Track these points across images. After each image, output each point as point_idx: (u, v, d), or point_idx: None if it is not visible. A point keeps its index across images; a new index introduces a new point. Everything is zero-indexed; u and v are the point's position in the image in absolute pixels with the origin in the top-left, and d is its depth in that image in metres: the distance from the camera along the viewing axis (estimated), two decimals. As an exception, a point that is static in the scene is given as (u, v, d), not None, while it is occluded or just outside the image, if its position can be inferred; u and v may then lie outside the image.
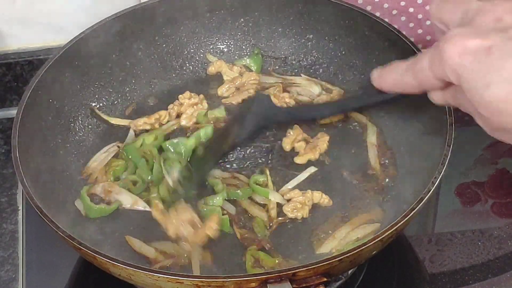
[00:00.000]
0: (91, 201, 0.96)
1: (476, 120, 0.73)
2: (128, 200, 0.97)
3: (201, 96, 1.09)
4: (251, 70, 1.14)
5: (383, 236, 0.80)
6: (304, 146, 1.02)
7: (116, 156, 1.03)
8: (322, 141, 1.03)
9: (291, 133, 1.03)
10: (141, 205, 0.97)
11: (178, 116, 1.07)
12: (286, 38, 1.14)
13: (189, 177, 0.98)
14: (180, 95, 1.08)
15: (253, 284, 0.77)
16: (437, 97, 0.78)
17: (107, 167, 1.01)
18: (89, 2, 1.16)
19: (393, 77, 0.80)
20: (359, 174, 1.00)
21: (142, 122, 1.06)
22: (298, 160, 1.01)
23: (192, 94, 1.08)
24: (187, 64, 1.14)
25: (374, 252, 0.84)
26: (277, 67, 1.14)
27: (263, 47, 1.15)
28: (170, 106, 1.08)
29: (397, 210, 0.91)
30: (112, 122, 1.08)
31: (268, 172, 0.99)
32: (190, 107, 1.07)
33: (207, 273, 0.89)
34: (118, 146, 1.03)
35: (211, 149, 1.00)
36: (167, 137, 1.04)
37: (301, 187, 0.98)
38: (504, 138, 0.72)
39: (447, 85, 0.74)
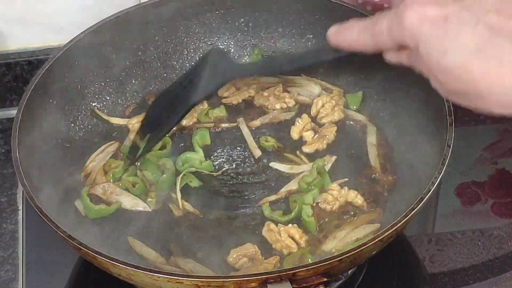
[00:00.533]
0: (90, 201, 0.96)
1: (431, 83, 0.75)
2: (128, 201, 0.97)
3: None
4: (251, 70, 1.14)
5: (383, 236, 0.80)
6: (312, 135, 1.04)
7: (114, 156, 1.03)
8: (330, 131, 1.03)
9: (300, 122, 1.04)
10: (141, 206, 0.97)
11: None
12: (286, 38, 1.14)
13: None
14: None
15: (253, 284, 0.77)
16: (391, 57, 0.80)
17: (106, 167, 1.01)
18: (89, 2, 1.16)
19: (350, 36, 0.81)
20: (359, 174, 1.00)
21: (135, 121, 1.06)
22: (307, 148, 1.02)
23: None
24: (187, 64, 1.14)
25: (374, 252, 0.84)
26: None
27: (263, 47, 1.15)
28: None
29: (397, 210, 0.91)
30: (112, 122, 1.08)
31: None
32: None
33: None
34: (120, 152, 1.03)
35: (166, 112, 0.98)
36: (171, 139, 1.04)
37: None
38: (459, 101, 0.74)
39: (403, 47, 0.76)
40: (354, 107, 1.08)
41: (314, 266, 0.77)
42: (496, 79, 0.69)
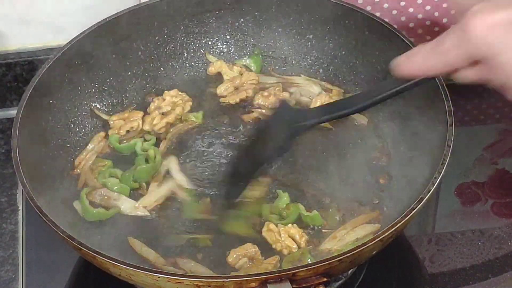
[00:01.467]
0: (89, 204, 0.96)
1: (506, 94, 0.72)
2: (127, 206, 0.97)
3: (186, 97, 1.09)
4: (251, 70, 1.14)
5: (383, 236, 0.80)
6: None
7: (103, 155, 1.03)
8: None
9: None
10: (140, 211, 0.97)
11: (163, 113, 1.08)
12: (286, 38, 1.14)
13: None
14: (166, 91, 1.09)
15: (253, 284, 0.77)
16: (463, 76, 0.77)
17: (93, 166, 1.01)
18: (89, 2, 1.16)
19: (416, 62, 0.78)
20: (359, 174, 1.00)
21: (115, 118, 1.06)
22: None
23: (180, 93, 1.08)
24: (187, 64, 1.14)
25: (374, 252, 0.84)
26: (277, 67, 1.14)
27: (263, 47, 1.15)
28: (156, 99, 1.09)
29: (397, 210, 0.91)
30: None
31: None
32: (168, 106, 1.07)
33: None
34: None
35: (242, 167, 0.97)
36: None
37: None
38: None
39: (474, 63, 0.73)
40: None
41: (314, 266, 0.77)
42: None
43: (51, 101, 1.01)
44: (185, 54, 1.14)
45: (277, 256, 0.91)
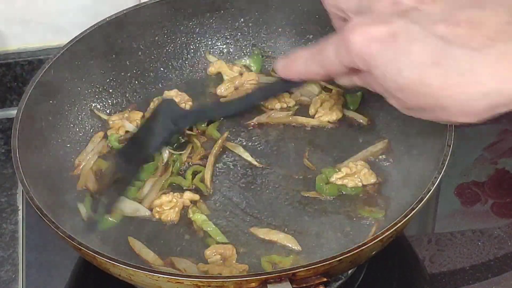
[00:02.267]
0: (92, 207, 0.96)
1: (388, 100, 0.73)
2: (129, 208, 0.97)
3: (186, 97, 1.09)
4: (251, 70, 1.14)
5: (383, 236, 0.80)
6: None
7: (103, 157, 1.03)
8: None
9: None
10: (142, 212, 0.97)
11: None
12: (286, 38, 1.14)
13: None
14: (166, 91, 1.09)
15: (253, 284, 0.77)
16: (344, 81, 0.78)
17: (94, 167, 1.01)
18: (89, 2, 1.16)
19: (298, 67, 0.79)
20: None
21: (115, 118, 1.06)
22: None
23: (180, 93, 1.08)
24: (187, 64, 1.14)
25: (374, 252, 0.84)
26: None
27: (263, 47, 1.15)
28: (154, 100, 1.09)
29: (397, 210, 0.91)
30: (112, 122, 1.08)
31: None
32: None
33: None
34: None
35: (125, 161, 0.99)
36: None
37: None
38: (420, 115, 0.73)
39: (355, 70, 0.74)
40: (352, 107, 1.08)
41: (314, 266, 0.77)
42: (458, 88, 0.67)
43: (51, 101, 1.01)
44: (185, 54, 1.14)
45: (247, 265, 0.90)
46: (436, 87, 0.68)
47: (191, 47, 1.14)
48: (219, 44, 1.15)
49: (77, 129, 1.05)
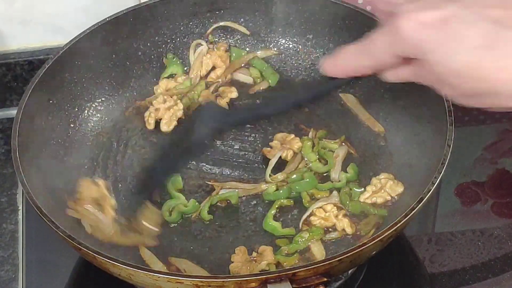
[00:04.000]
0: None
1: (441, 90, 0.73)
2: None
3: (175, 97, 1.08)
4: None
5: (383, 236, 0.81)
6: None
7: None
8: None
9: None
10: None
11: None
12: (286, 38, 1.14)
13: None
14: (154, 101, 1.08)
15: (253, 284, 0.77)
16: (391, 76, 0.78)
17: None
18: (89, 2, 1.16)
19: (346, 62, 0.79)
20: (360, 174, 1.00)
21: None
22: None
23: (166, 97, 1.08)
24: (187, 64, 1.14)
25: (374, 252, 0.84)
26: (277, 67, 1.14)
27: (263, 47, 1.15)
28: (146, 114, 1.07)
29: (397, 210, 0.91)
30: (112, 122, 1.07)
31: None
32: (167, 111, 1.07)
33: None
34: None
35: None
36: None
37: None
38: (474, 102, 0.72)
39: (405, 62, 0.74)
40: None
41: (314, 266, 0.77)
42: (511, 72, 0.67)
43: (51, 101, 1.01)
44: (185, 54, 1.14)
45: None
46: (489, 69, 0.67)
47: (191, 47, 1.14)
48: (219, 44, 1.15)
49: (77, 129, 1.05)
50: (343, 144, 1.02)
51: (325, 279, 0.78)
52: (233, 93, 1.09)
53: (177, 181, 0.99)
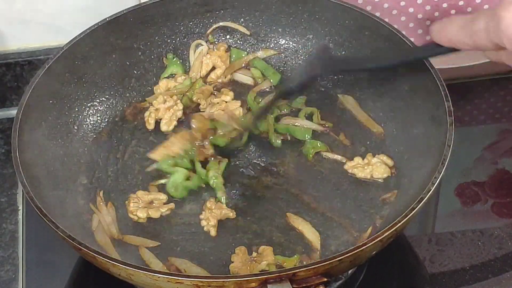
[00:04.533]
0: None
1: None
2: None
3: (175, 97, 1.08)
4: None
5: (383, 236, 0.81)
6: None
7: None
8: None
9: None
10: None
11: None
12: (286, 38, 1.14)
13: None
14: (154, 101, 1.08)
15: (253, 284, 0.77)
16: (491, 56, 0.78)
17: None
18: (89, 2, 1.16)
19: (450, 33, 0.79)
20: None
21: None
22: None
23: (166, 97, 1.08)
24: (187, 64, 1.14)
25: (374, 252, 0.84)
26: (277, 67, 1.14)
27: (263, 47, 1.15)
28: (146, 114, 1.08)
29: (397, 210, 0.91)
30: (112, 123, 1.07)
31: None
32: (167, 111, 1.07)
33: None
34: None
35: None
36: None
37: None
38: None
39: (500, 48, 0.73)
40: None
41: (314, 266, 0.78)
42: None
43: (51, 101, 1.01)
44: (185, 54, 1.14)
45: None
46: None
47: (191, 47, 1.14)
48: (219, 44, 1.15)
49: (77, 129, 1.05)
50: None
51: (325, 279, 0.78)
52: (228, 97, 1.09)
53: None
